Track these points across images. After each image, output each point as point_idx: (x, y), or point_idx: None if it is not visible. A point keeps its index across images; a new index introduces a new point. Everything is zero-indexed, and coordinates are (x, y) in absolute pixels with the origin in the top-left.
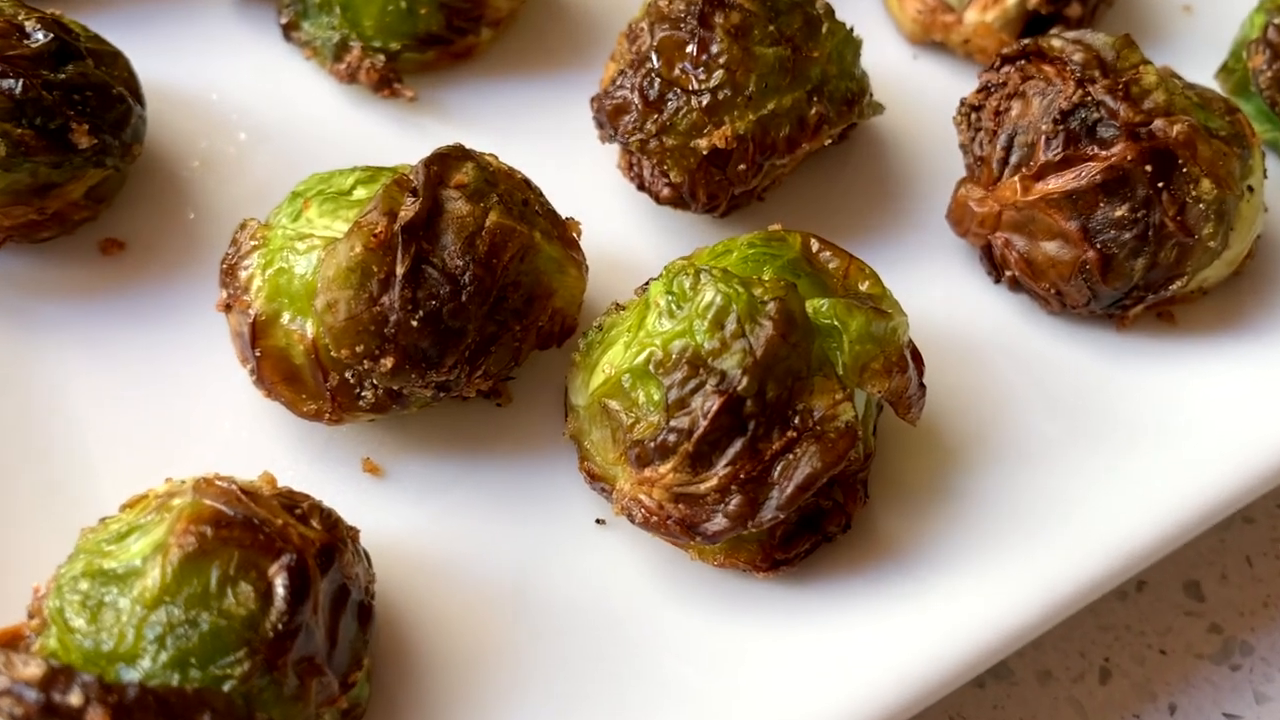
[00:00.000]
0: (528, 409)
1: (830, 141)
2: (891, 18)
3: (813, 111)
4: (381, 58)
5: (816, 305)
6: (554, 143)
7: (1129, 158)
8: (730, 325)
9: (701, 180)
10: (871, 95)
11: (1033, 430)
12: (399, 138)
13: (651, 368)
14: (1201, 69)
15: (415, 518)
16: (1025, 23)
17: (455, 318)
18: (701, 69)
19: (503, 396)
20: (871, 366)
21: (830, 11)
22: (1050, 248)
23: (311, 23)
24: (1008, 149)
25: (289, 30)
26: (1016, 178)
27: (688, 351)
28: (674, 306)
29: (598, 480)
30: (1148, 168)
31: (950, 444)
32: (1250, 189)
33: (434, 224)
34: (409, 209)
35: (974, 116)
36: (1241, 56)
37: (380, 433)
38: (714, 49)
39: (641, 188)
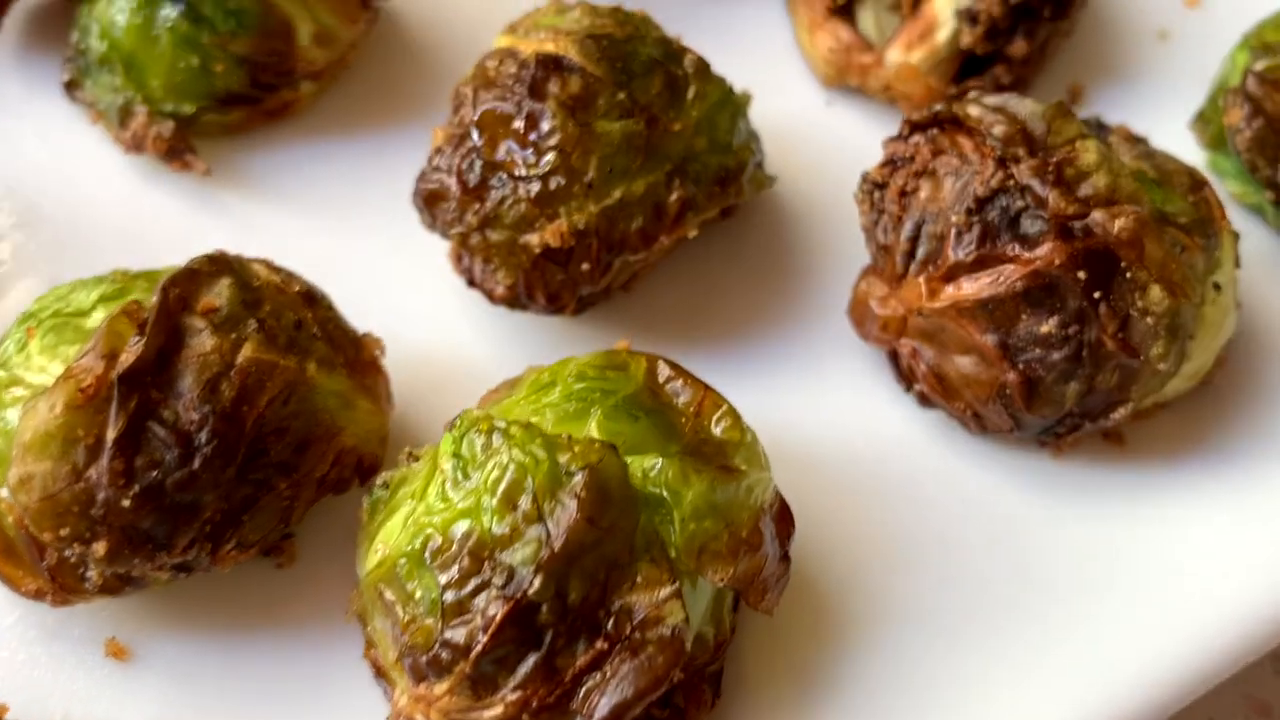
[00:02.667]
0: (316, 569)
1: (696, 233)
2: (804, 55)
3: (673, 197)
4: (171, 124)
5: (646, 468)
6: (383, 218)
7: (1057, 261)
8: (524, 505)
9: (539, 281)
10: (759, 165)
11: (952, 586)
12: (193, 219)
13: (428, 556)
14: (1179, 110)
15: (164, 714)
16: (959, 64)
17: (184, 490)
18: (530, 150)
19: (284, 555)
20: (711, 547)
21: (702, 70)
22: (964, 364)
23: (94, 81)
24: (914, 240)
25: (71, 89)
26: (923, 277)
27: (471, 538)
28: (460, 474)
29: (381, 677)
30: (1081, 274)
31: (840, 610)
32: (1217, 286)
33: (168, 366)
34: (132, 350)
35: (877, 196)
36: (1219, 105)
37: (131, 604)
38: (545, 126)
39: (472, 284)
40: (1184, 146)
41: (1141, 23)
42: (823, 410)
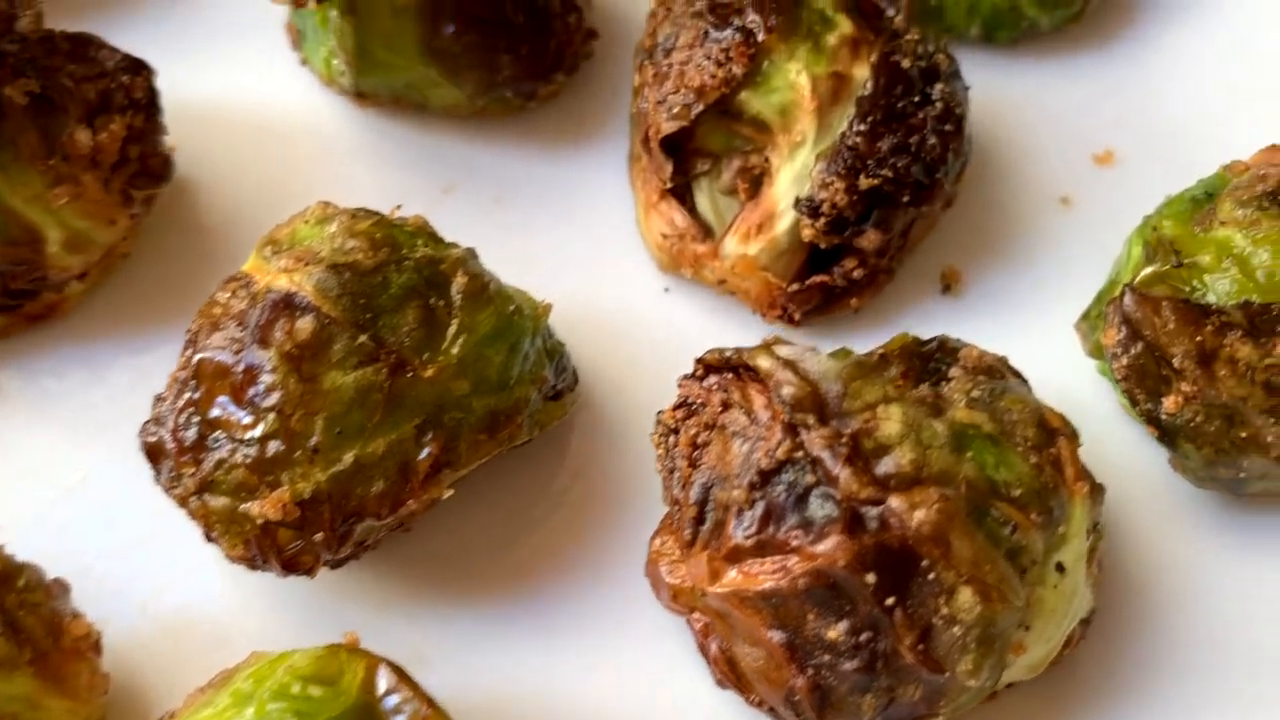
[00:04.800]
0: None
1: (452, 490)
2: (641, 237)
3: (422, 455)
4: None
5: None
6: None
7: (842, 561)
8: None
9: (270, 548)
10: (554, 394)
11: None
12: None
13: None
14: (1080, 295)
15: None
16: (805, 258)
17: None
18: (246, 410)
19: None
20: None
21: (474, 295)
22: (753, 656)
23: None
24: (701, 505)
25: None
26: (706, 554)
27: None
28: None
29: None
30: (870, 577)
31: None
32: (1060, 568)
33: None
34: None
35: (671, 440)
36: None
37: None
38: (264, 381)
39: (210, 539)
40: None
41: (1040, 186)
42: (624, 687)
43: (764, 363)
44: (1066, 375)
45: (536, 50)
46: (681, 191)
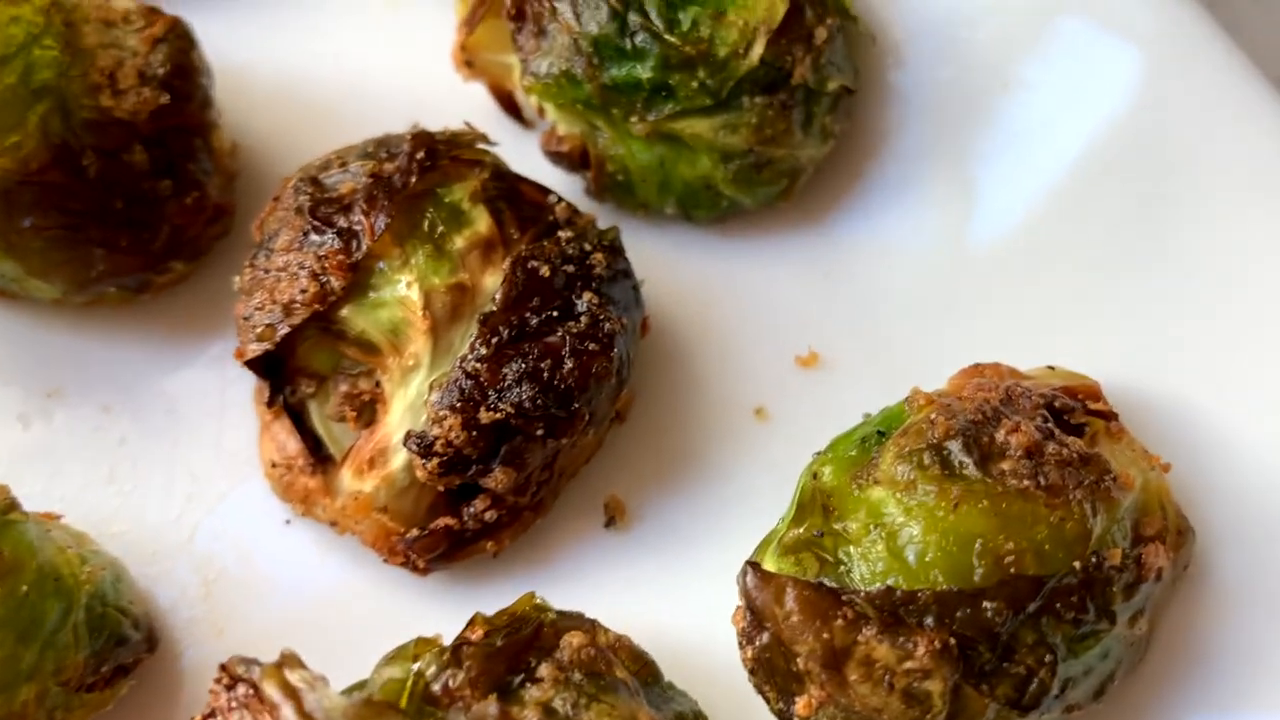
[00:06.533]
0: None
1: None
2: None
3: None
4: None
5: None
6: None
7: None
8: None
9: None
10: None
11: None
12: None
13: None
14: (763, 527)
15: None
16: (438, 495)
17: None
18: None
19: None
20: None
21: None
22: None
23: None
24: None
25: None
26: None
27: None
28: None
29: None
30: None
31: None
32: None
33: None
34: None
35: None
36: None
37: None
38: None
39: None
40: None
41: (733, 394)
42: None
43: (270, 690)
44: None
45: (140, 240)
46: (296, 411)
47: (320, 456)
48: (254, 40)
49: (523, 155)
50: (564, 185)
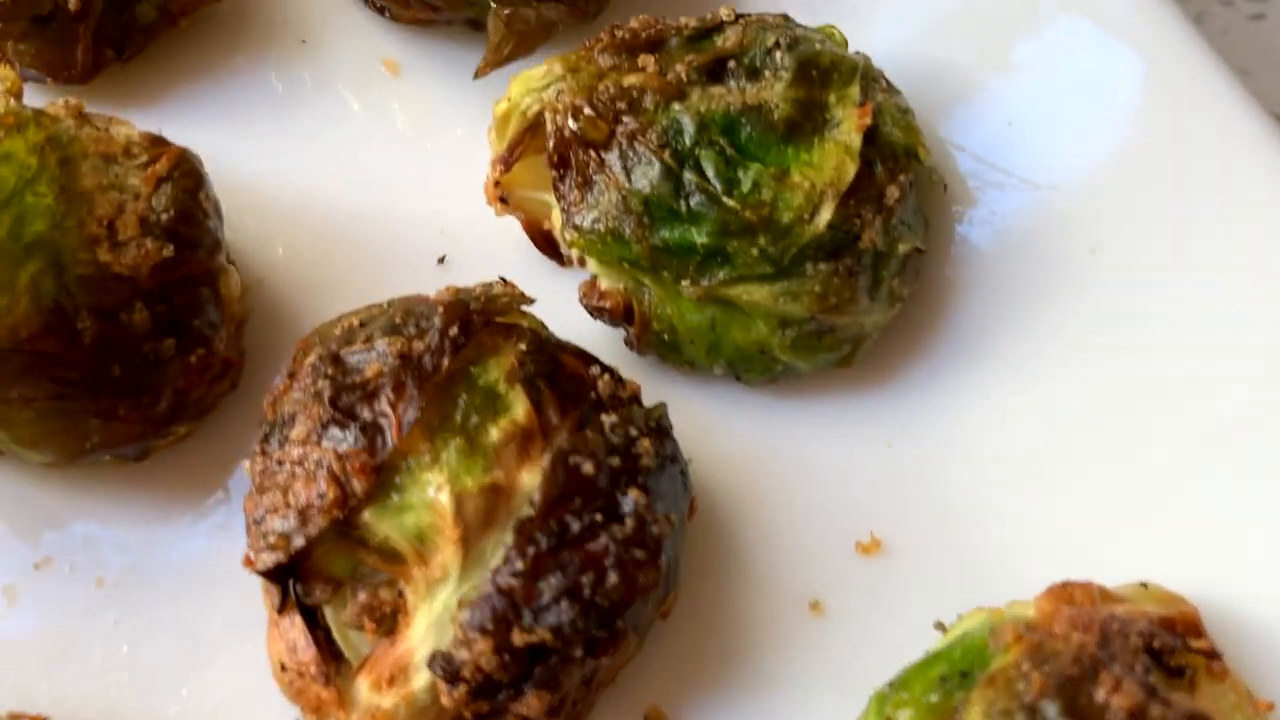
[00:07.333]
0: None
1: None
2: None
3: None
4: None
5: None
6: None
7: None
8: None
9: None
10: None
11: None
12: None
13: None
14: None
15: None
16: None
17: None
18: None
19: None
20: None
21: None
22: None
23: None
24: None
25: None
26: None
27: None
28: None
29: None
30: None
31: None
32: None
33: None
34: None
35: None
36: None
37: None
38: None
39: None
40: None
41: (787, 585)
42: None
43: None
44: None
45: (140, 406)
46: (310, 611)
47: (333, 655)
48: (270, 157)
49: (559, 296)
50: (603, 332)
